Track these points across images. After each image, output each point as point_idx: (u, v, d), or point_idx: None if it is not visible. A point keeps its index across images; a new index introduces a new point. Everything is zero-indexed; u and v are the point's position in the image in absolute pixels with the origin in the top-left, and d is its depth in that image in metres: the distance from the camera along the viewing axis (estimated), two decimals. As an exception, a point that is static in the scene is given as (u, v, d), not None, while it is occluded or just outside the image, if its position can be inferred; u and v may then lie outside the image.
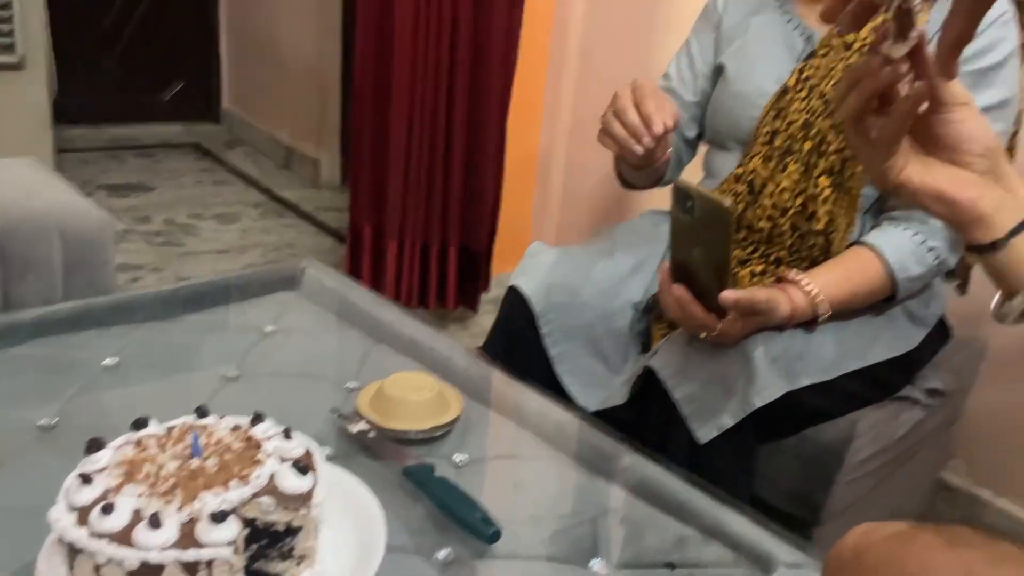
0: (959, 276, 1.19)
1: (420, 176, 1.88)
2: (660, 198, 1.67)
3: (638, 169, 1.15)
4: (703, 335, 0.96)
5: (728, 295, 0.89)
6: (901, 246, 1.03)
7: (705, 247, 0.90)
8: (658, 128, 0.99)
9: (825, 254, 1.08)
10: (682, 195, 0.89)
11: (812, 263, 1.08)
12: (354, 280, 1.26)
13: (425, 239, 1.93)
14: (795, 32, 1.12)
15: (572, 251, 1.17)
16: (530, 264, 1.15)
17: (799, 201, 1.07)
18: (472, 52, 1.83)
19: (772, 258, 1.11)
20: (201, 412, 0.64)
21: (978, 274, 1.23)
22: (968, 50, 0.98)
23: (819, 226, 1.06)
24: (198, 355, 0.99)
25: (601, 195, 2.08)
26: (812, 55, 1.09)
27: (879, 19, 1.04)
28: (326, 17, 2.93)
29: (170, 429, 0.62)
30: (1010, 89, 1.02)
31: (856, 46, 1.06)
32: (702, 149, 1.27)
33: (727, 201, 0.86)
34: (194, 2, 3.45)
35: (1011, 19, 1.02)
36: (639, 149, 1.00)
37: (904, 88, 0.60)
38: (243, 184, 3.04)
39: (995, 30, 1.00)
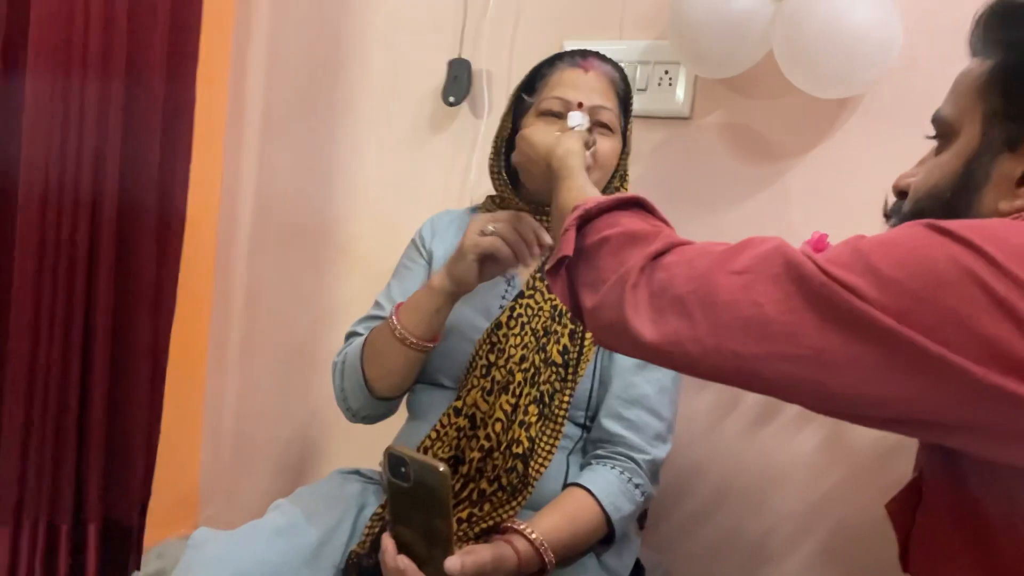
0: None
1: (46, 441, 1.55)
2: (349, 457, 1.57)
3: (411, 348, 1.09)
4: None
5: (453, 564, 0.87)
6: (611, 485, 1.06)
7: (424, 513, 0.89)
8: (547, 239, 1.02)
9: (523, 480, 1.07)
10: (395, 461, 0.88)
11: (513, 492, 1.07)
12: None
13: (52, 519, 1.58)
14: None
15: (246, 533, 1.01)
16: (196, 559, 0.96)
17: (510, 433, 1.07)
18: (116, 295, 1.61)
19: (476, 495, 1.07)
20: None
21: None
22: None
23: (519, 450, 1.06)
24: None
25: (280, 442, 1.91)
26: (521, 295, 1.13)
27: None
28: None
29: None
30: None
31: None
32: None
33: (442, 465, 0.85)
34: None
35: None
36: (537, 252, 1.03)
37: None
38: None
39: None
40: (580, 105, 1.12)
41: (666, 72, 1.46)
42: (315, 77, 1.83)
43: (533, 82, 1.19)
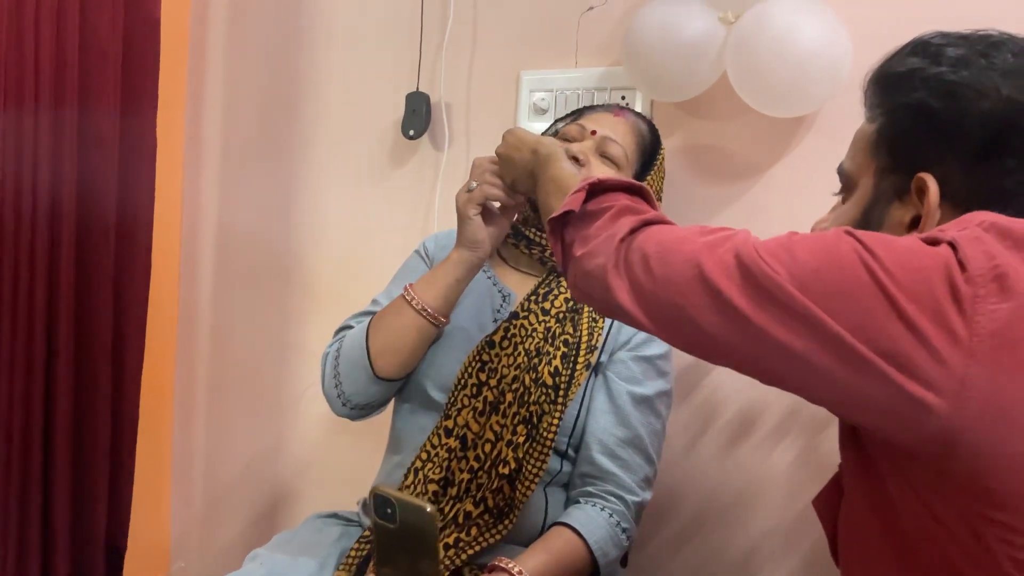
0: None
1: (9, 497, 1.51)
2: (326, 500, 1.54)
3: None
4: None
5: None
6: (600, 529, 1.06)
7: (411, 554, 0.88)
8: None
9: (509, 503, 1.06)
10: (381, 501, 0.88)
11: (499, 515, 1.06)
12: None
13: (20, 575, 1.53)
14: (494, 288, 1.19)
15: (221, 587, 0.98)
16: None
17: (496, 450, 1.07)
18: (76, 345, 1.58)
19: (460, 517, 1.07)
20: None
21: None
22: (639, 336, 1.11)
23: (506, 470, 1.06)
24: None
25: (253, 487, 1.87)
26: (515, 316, 1.14)
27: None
28: None
29: None
30: (670, 380, 1.18)
31: (553, 311, 1.14)
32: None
33: (429, 506, 0.85)
34: None
35: None
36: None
37: None
38: None
39: None
40: (593, 133, 1.18)
41: (623, 98, 1.47)
42: (273, 115, 1.82)
43: (571, 118, 1.26)
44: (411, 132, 1.62)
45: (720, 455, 1.39)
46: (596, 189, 0.84)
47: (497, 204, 1.10)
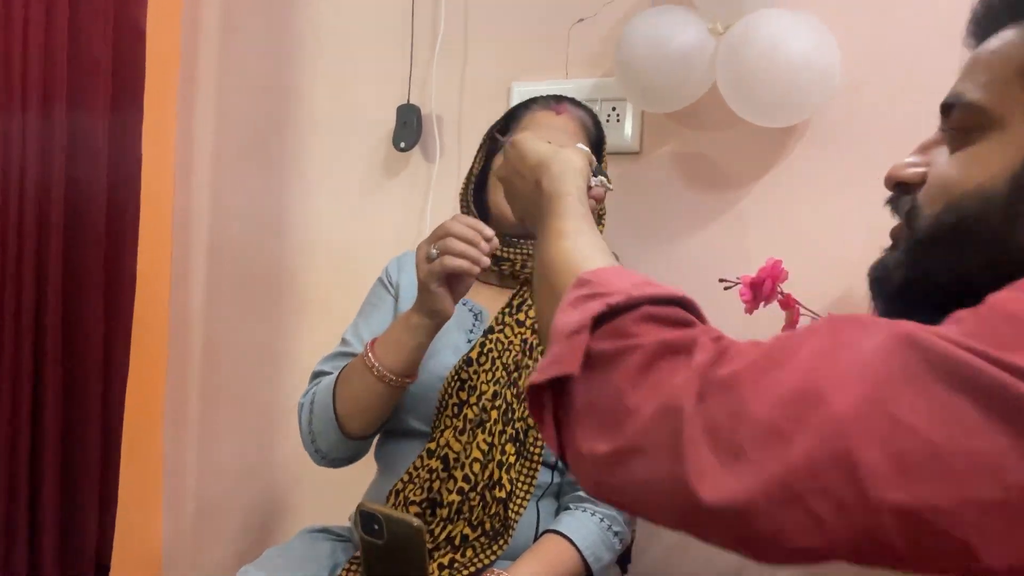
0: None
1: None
2: (317, 514, 1.53)
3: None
4: None
5: None
6: (591, 533, 1.05)
7: (400, 569, 0.89)
8: (489, 231, 1.00)
9: (504, 524, 1.05)
10: (367, 518, 0.88)
11: (494, 535, 1.06)
12: None
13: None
14: (463, 307, 1.16)
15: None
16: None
17: (487, 471, 1.06)
18: (64, 354, 1.56)
19: (457, 539, 1.05)
20: None
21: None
22: None
23: (502, 493, 1.05)
24: None
25: (244, 501, 1.85)
26: (491, 331, 1.12)
27: None
28: None
29: None
30: None
31: (528, 323, 1.13)
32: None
33: (416, 520, 0.85)
34: None
35: None
36: (486, 247, 0.99)
37: None
38: None
39: None
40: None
41: (613, 109, 1.48)
42: (264, 127, 1.82)
43: (507, 124, 1.21)
44: (402, 144, 1.62)
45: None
46: (605, 316, 0.48)
47: None
